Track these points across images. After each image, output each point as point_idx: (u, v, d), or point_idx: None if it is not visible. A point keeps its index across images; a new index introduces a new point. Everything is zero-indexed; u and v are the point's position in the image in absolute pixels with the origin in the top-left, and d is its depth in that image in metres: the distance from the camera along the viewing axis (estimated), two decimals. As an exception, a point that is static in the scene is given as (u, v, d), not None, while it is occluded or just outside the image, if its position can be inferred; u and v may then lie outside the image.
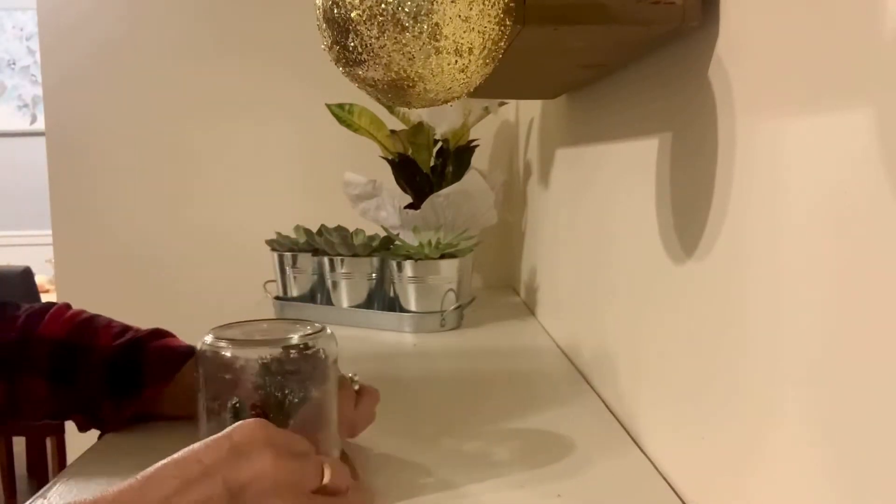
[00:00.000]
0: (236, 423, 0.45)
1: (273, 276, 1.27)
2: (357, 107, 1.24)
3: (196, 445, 0.43)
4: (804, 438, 0.36)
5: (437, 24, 0.41)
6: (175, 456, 0.43)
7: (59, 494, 0.53)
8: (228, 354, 0.49)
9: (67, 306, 0.67)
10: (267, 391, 0.49)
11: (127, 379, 0.64)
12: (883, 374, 0.29)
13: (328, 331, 0.53)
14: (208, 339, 0.50)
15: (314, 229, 1.23)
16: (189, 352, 0.65)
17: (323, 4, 0.43)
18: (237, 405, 0.49)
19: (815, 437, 0.35)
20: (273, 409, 0.49)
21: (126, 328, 0.67)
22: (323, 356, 0.51)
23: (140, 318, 0.72)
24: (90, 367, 0.63)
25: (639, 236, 0.63)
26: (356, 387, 0.60)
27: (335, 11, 0.42)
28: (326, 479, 0.45)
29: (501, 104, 1.35)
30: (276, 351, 0.49)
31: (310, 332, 0.52)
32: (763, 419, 0.40)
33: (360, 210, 1.32)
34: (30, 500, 0.52)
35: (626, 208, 0.68)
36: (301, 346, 0.50)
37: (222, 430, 0.48)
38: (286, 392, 0.49)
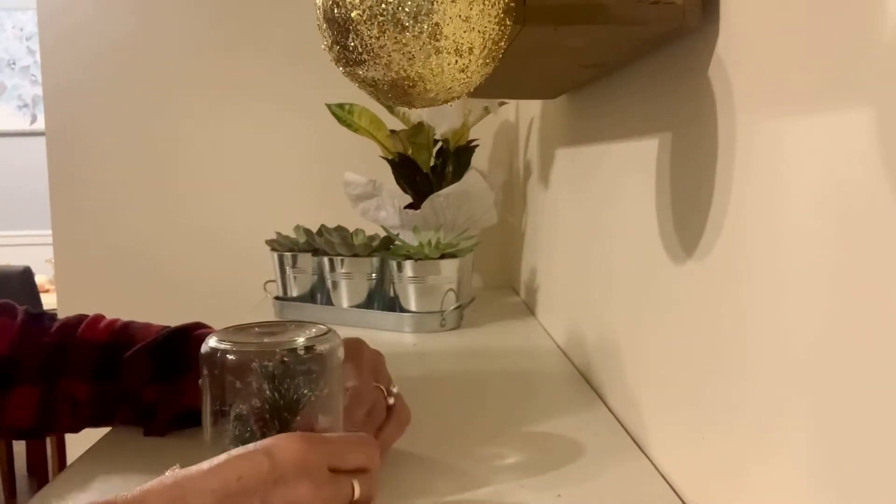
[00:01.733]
0: (277, 438, 0.45)
1: (273, 277, 1.27)
2: (357, 107, 1.24)
3: (234, 458, 0.43)
4: (805, 439, 0.36)
5: (437, 24, 0.41)
6: (213, 465, 0.42)
7: (59, 495, 0.53)
8: (232, 358, 0.48)
9: (103, 316, 0.68)
10: (271, 395, 0.48)
11: (170, 363, 0.63)
12: (883, 374, 0.30)
13: (333, 333, 0.52)
14: (212, 341, 0.49)
15: (314, 229, 1.23)
16: None
17: (323, 4, 0.43)
18: (242, 413, 0.48)
19: (815, 437, 0.35)
20: (277, 415, 0.48)
21: (166, 326, 0.66)
22: (327, 359, 0.50)
23: (140, 318, 0.72)
24: (133, 356, 0.63)
25: (639, 236, 0.63)
26: (391, 400, 0.59)
27: (335, 11, 0.42)
28: (357, 496, 0.46)
29: (501, 104, 1.35)
30: (281, 354, 0.48)
31: (314, 334, 0.51)
32: (764, 419, 0.40)
33: (360, 210, 1.32)
34: (30, 501, 0.52)
35: (626, 208, 0.68)
36: (305, 349, 0.49)
37: (226, 435, 0.48)
38: (290, 396, 0.49)
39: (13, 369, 0.61)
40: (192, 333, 0.65)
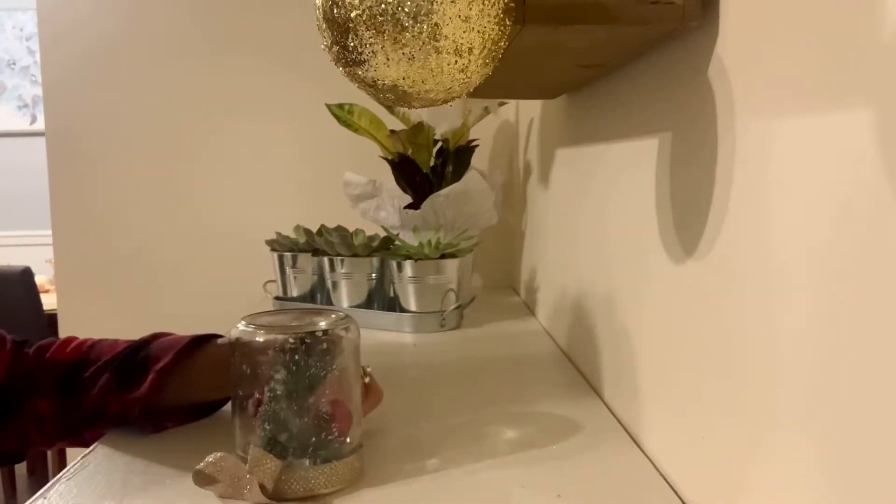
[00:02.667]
0: None
1: (273, 276, 1.27)
2: (357, 107, 1.24)
3: None
4: (803, 438, 0.36)
5: (436, 25, 0.41)
6: None
7: (59, 494, 0.53)
8: (261, 340, 0.52)
9: (75, 337, 0.69)
10: (296, 376, 0.52)
11: (133, 373, 0.64)
12: (881, 373, 0.30)
13: (350, 318, 0.57)
14: (241, 325, 0.54)
15: (314, 229, 1.24)
16: (195, 337, 0.67)
17: (323, 5, 0.43)
18: (271, 392, 0.52)
19: (814, 436, 0.35)
20: (301, 385, 0.52)
21: (134, 341, 0.68)
22: (342, 341, 0.55)
23: (139, 318, 0.73)
24: (96, 371, 0.64)
25: (638, 236, 0.63)
26: (366, 379, 0.62)
27: (335, 12, 0.42)
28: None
29: (501, 104, 1.35)
30: (303, 336, 0.52)
31: (334, 319, 0.56)
32: (762, 419, 0.40)
33: (360, 210, 1.32)
34: (30, 501, 0.52)
35: (626, 208, 0.68)
36: (324, 332, 0.53)
37: (255, 415, 0.52)
38: (317, 374, 0.53)
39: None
40: (153, 343, 0.67)
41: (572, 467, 0.57)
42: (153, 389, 0.63)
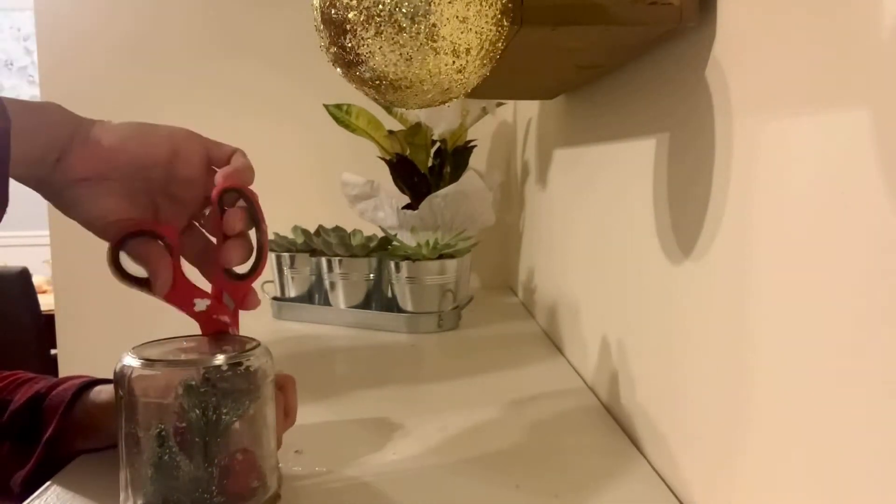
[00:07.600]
0: None
1: (271, 277, 1.27)
2: (355, 107, 1.25)
3: None
4: (800, 439, 0.36)
5: (434, 25, 0.41)
6: None
7: (59, 493, 0.53)
8: (150, 374, 0.45)
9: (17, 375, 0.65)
10: (193, 414, 0.45)
11: (29, 434, 0.60)
12: (878, 375, 0.30)
13: (262, 348, 0.49)
14: (126, 359, 0.46)
15: (312, 230, 1.23)
16: (83, 385, 0.61)
17: (321, 5, 0.43)
18: (162, 432, 0.45)
19: (814, 438, 0.35)
20: (199, 433, 0.45)
21: (41, 388, 0.62)
22: (255, 375, 0.47)
23: (138, 320, 0.72)
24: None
25: (636, 236, 0.63)
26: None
27: (333, 12, 0.42)
28: None
29: (499, 105, 1.35)
30: (203, 371, 0.45)
31: (240, 349, 0.48)
32: (760, 419, 0.40)
33: (358, 210, 1.32)
34: (29, 499, 0.52)
35: (624, 208, 0.68)
36: (230, 365, 0.46)
37: (145, 457, 0.45)
38: (214, 415, 0.45)
39: None
40: (49, 395, 0.61)
41: (569, 467, 0.57)
42: (37, 466, 0.58)
